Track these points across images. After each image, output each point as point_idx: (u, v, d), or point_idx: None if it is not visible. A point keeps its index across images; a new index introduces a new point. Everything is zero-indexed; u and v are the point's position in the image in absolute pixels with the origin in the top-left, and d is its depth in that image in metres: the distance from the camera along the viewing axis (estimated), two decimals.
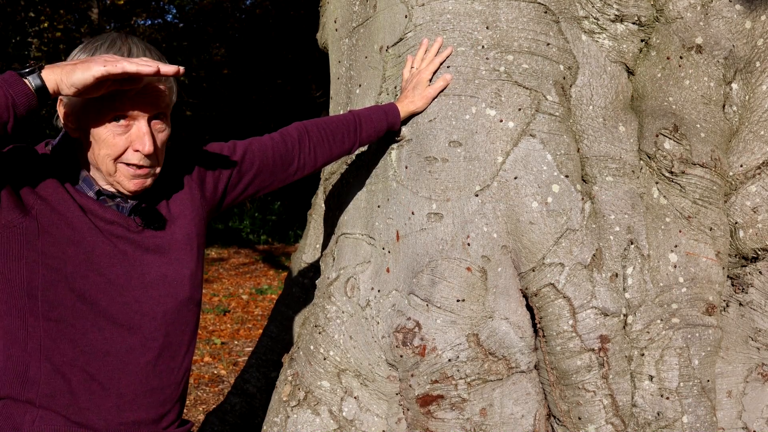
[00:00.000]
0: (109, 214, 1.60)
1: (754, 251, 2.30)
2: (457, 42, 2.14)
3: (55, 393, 1.56)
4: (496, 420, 2.04)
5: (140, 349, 1.63)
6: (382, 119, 2.12)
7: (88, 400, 1.59)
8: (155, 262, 1.65)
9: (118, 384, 1.61)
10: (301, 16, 14.58)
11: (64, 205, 1.54)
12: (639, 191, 2.21)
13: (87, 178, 1.61)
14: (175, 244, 1.69)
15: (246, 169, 1.91)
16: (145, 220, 1.64)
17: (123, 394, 1.62)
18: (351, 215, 2.33)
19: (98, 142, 1.53)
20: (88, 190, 1.60)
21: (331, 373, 2.19)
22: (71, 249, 1.54)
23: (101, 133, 1.53)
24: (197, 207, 1.77)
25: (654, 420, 2.10)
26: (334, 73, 2.54)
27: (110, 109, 1.50)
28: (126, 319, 1.61)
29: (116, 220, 1.60)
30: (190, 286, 1.71)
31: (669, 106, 2.27)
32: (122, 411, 1.62)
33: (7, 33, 12.61)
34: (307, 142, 2.03)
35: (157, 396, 1.67)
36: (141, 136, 1.53)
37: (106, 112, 1.51)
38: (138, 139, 1.54)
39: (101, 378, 1.59)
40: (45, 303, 1.53)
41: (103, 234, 1.58)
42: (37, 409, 1.56)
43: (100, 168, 1.57)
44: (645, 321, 2.13)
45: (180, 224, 1.71)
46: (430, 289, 2.04)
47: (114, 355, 1.60)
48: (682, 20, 2.28)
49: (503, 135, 2.09)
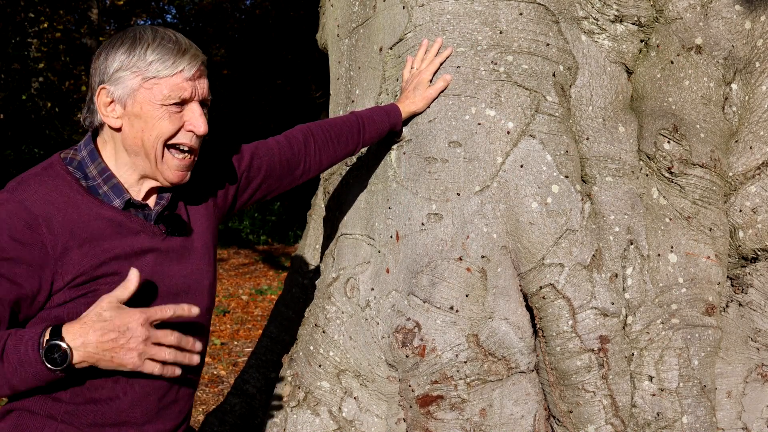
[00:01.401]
0: (135, 223, 1.58)
1: (753, 251, 2.30)
2: (457, 42, 2.14)
3: (78, 411, 1.55)
4: (496, 420, 2.04)
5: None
6: (384, 120, 2.12)
7: (113, 416, 1.58)
8: (179, 272, 1.64)
9: (146, 401, 1.61)
10: (301, 17, 14.59)
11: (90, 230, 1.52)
12: (639, 191, 2.21)
13: (117, 185, 1.58)
14: (196, 253, 1.69)
15: (254, 174, 1.91)
16: (169, 227, 1.64)
17: (149, 409, 1.62)
18: (351, 216, 2.33)
19: (150, 123, 1.54)
20: (114, 198, 1.57)
21: (330, 373, 2.19)
22: (102, 277, 1.52)
23: (155, 115, 1.54)
24: (211, 215, 1.77)
25: (654, 420, 2.10)
26: (334, 74, 2.54)
27: (168, 92, 1.54)
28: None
29: (143, 230, 1.59)
30: (208, 297, 1.72)
31: (669, 106, 2.27)
32: (143, 425, 1.62)
33: (7, 33, 12.61)
34: (312, 144, 2.03)
35: (176, 408, 1.68)
36: (196, 117, 1.58)
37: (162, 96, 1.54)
38: (193, 119, 1.58)
39: (129, 396, 1.59)
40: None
41: (133, 252, 1.56)
42: (58, 423, 1.54)
43: (147, 154, 1.56)
44: (645, 321, 2.13)
45: (198, 233, 1.71)
46: (430, 289, 2.04)
47: (142, 375, 1.58)
48: (681, 21, 2.28)
49: (503, 135, 2.09)
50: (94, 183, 1.58)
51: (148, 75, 1.52)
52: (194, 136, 1.59)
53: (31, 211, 1.47)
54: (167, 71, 1.52)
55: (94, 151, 1.59)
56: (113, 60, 1.54)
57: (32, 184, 1.52)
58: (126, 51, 1.53)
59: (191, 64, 1.55)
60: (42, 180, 1.53)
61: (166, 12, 17.49)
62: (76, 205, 1.53)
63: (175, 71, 1.53)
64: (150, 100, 1.53)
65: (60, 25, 13.92)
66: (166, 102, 1.54)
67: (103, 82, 1.54)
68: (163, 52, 1.52)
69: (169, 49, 1.53)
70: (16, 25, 12.86)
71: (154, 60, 1.52)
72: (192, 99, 1.57)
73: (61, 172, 1.56)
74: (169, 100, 1.54)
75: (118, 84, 1.53)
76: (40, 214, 1.48)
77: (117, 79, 1.53)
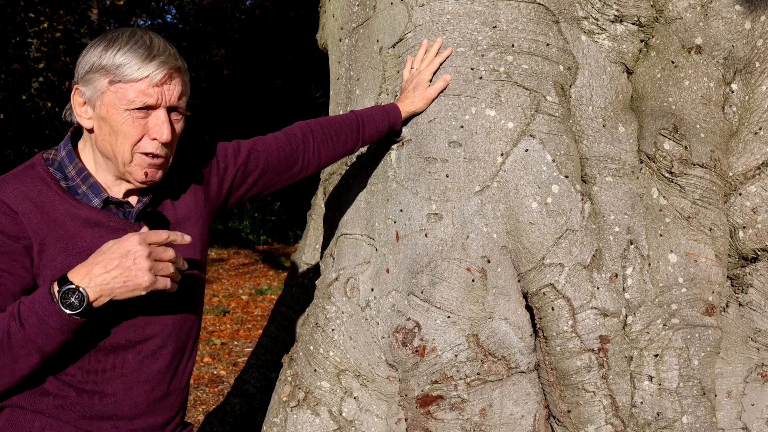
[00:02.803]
0: (114, 221, 1.59)
1: (753, 251, 2.30)
2: (457, 42, 2.14)
3: (66, 405, 1.56)
4: (496, 420, 2.04)
5: (153, 358, 1.64)
6: (384, 119, 2.12)
7: (101, 410, 1.59)
8: None
9: (132, 393, 1.62)
10: (301, 17, 14.59)
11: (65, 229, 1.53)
12: (639, 191, 2.21)
13: (94, 184, 1.59)
14: (181, 247, 1.68)
15: (251, 169, 1.91)
16: (150, 225, 1.64)
17: (137, 403, 1.63)
18: (351, 216, 2.33)
19: (116, 129, 1.54)
20: (93, 197, 1.58)
21: (330, 373, 2.19)
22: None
23: (119, 120, 1.54)
24: (201, 209, 1.77)
25: (654, 420, 2.10)
26: (334, 74, 2.54)
27: (132, 97, 1.53)
28: (140, 332, 1.61)
29: (122, 228, 1.59)
30: (196, 291, 1.72)
31: (669, 106, 2.27)
32: (133, 419, 1.63)
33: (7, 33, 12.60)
34: (311, 142, 2.02)
35: (166, 402, 1.69)
36: (159, 124, 1.56)
37: (126, 101, 1.53)
38: (156, 127, 1.56)
39: (115, 390, 1.60)
40: None
41: None
42: (47, 418, 1.55)
43: (115, 156, 1.57)
44: (645, 321, 2.13)
45: (185, 227, 1.71)
46: (430, 289, 2.04)
47: (128, 368, 1.61)
48: (681, 21, 2.28)
49: (503, 135, 2.09)
50: (73, 183, 1.59)
51: (115, 78, 1.51)
52: (158, 144, 1.57)
53: (11, 208, 1.50)
54: (133, 75, 1.51)
55: (71, 151, 1.61)
56: (87, 60, 1.54)
57: (12, 183, 1.54)
58: (99, 52, 1.53)
59: (159, 69, 1.53)
60: (21, 179, 1.55)
61: (166, 12, 17.48)
62: (53, 205, 1.54)
63: (141, 76, 1.52)
64: (115, 103, 1.53)
65: (60, 25, 13.91)
66: (130, 107, 1.53)
67: (77, 82, 1.55)
68: (132, 56, 1.51)
69: (138, 53, 1.52)
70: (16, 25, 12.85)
71: (122, 63, 1.51)
72: (158, 105, 1.55)
73: (41, 174, 1.57)
74: (132, 105, 1.53)
75: (88, 85, 1.54)
76: (20, 211, 1.50)
77: (88, 79, 1.54)
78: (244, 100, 15.50)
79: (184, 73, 1.60)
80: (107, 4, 15.66)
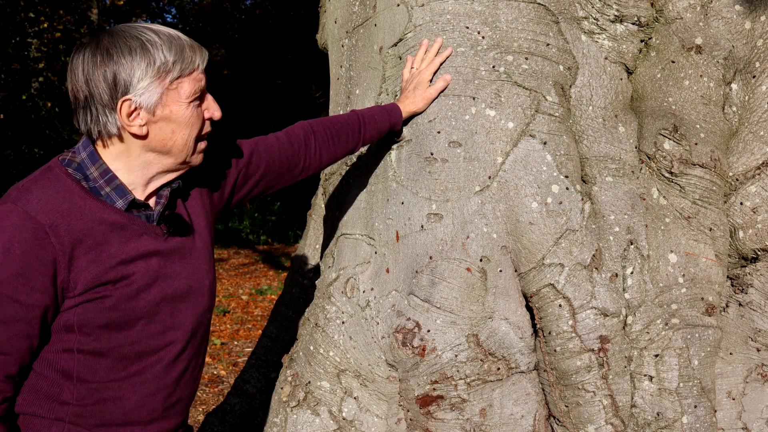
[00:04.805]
0: (138, 225, 1.58)
1: (753, 252, 2.30)
2: (457, 42, 2.14)
3: (86, 413, 1.56)
4: (496, 420, 2.04)
5: (173, 364, 1.64)
6: (385, 119, 2.11)
7: (121, 416, 1.59)
8: (182, 273, 1.64)
9: (152, 400, 1.62)
10: (301, 17, 14.59)
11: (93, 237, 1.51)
12: (639, 191, 2.21)
13: (120, 186, 1.56)
14: (196, 252, 1.68)
15: (252, 171, 1.90)
16: (171, 226, 1.64)
17: (154, 409, 1.63)
18: (351, 216, 2.33)
19: (182, 124, 1.56)
20: (117, 199, 1.56)
21: (330, 373, 2.19)
22: (110, 283, 1.52)
23: (186, 114, 1.56)
24: (208, 213, 1.76)
25: (654, 420, 2.10)
26: (334, 74, 2.54)
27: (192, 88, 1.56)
28: (160, 339, 1.61)
29: (145, 231, 1.58)
30: (209, 297, 1.72)
31: (669, 106, 2.27)
32: (148, 424, 1.63)
33: (7, 33, 12.61)
34: (313, 142, 2.02)
35: (180, 406, 1.69)
36: (213, 104, 1.63)
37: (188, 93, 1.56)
38: (211, 107, 1.62)
39: (137, 397, 1.60)
40: (81, 336, 1.52)
41: (138, 255, 1.56)
42: (65, 424, 1.55)
43: (179, 152, 1.58)
44: (645, 321, 2.13)
45: (198, 232, 1.71)
46: (430, 289, 2.04)
47: (151, 375, 1.61)
48: (681, 21, 2.28)
49: (503, 135, 2.09)
50: (96, 185, 1.55)
51: (173, 76, 1.53)
52: (209, 123, 1.64)
53: (37, 221, 1.45)
54: (190, 67, 1.55)
55: (94, 152, 1.56)
56: (131, 69, 1.49)
57: (35, 192, 1.49)
58: (141, 57, 1.50)
59: (201, 55, 1.58)
60: (44, 186, 1.51)
61: (166, 12, 17.49)
62: (79, 210, 1.51)
63: (193, 67, 1.56)
64: (177, 100, 1.55)
65: (60, 25, 13.91)
66: (192, 98, 1.56)
67: (126, 94, 1.50)
68: (178, 50, 1.53)
69: (181, 46, 1.54)
70: (16, 25, 12.85)
71: (175, 60, 1.52)
72: (205, 88, 1.61)
73: (61, 175, 1.53)
74: (195, 96, 1.57)
75: (143, 93, 1.51)
76: (46, 223, 1.46)
77: (141, 88, 1.51)
78: (244, 100, 15.50)
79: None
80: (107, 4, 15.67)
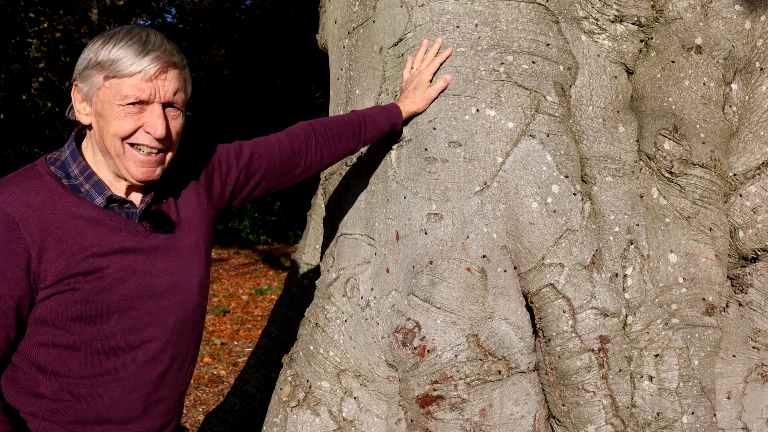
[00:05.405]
0: (117, 221, 1.58)
1: (753, 251, 2.30)
2: (457, 42, 2.14)
3: (60, 409, 1.55)
4: (496, 420, 2.04)
5: (152, 362, 1.62)
6: (385, 119, 2.11)
7: (96, 414, 1.58)
8: (165, 270, 1.63)
9: (129, 398, 1.60)
10: (301, 16, 14.60)
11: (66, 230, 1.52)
12: (639, 191, 2.21)
13: (98, 182, 1.58)
14: (184, 249, 1.67)
15: (253, 171, 1.89)
16: (153, 223, 1.63)
17: (132, 408, 1.61)
18: (351, 216, 2.33)
19: (109, 121, 1.54)
20: (96, 196, 1.57)
21: (330, 373, 2.19)
22: (81, 275, 1.52)
23: (113, 113, 1.53)
24: (205, 212, 1.76)
25: (654, 420, 2.10)
26: (334, 74, 2.54)
27: (126, 92, 1.53)
28: (140, 334, 1.60)
29: (124, 228, 1.58)
30: (198, 295, 1.70)
31: (669, 106, 2.27)
32: (127, 423, 1.61)
33: (7, 33, 12.61)
34: (313, 142, 2.02)
35: (162, 406, 1.67)
36: (154, 119, 1.55)
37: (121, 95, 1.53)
38: (150, 122, 1.55)
39: (112, 394, 1.58)
40: (55, 329, 1.52)
41: (114, 250, 1.55)
42: (39, 420, 1.54)
43: (109, 152, 1.56)
44: (645, 321, 2.13)
45: (189, 230, 1.70)
46: (430, 289, 2.04)
47: (127, 372, 1.59)
48: (681, 21, 2.28)
49: (503, 135, 2.09)
50: (76, 182, 1.58)
51: (109, 74, 1.52)
52: (152, 138, 1.56)
53: (7, 213, 1.48)
54: (127, 70, 1.51)
55: (75, 150, 1.60)
56: (85, 57, 1.54)
57: (9, 187, 1.52)
58: (96, 48, 1.53)
59: (153, 64, 1.52)
60: (19, 181, 1.54)
61: (166, 12, 17.48)
62: (53, 204, 1.52)
63: (134, 71, 1.51)
64: (110, 99, 1.53)
65: (60, 25, 13.91)
66: (123, 102, 1.53)
67: (75, 79, 1.56)
68: (126, 51, 1.51)
69: (132, 48, 1.51)
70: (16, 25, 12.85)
71: (116, 59, 1.51)
72: (152, 101, 1.55)
73: (41, 173, 1.56)
74: (126, 100, 1.53)
75: (86, 81, 1.54)
76: (16, 215, 1.48)
77: (85, 76, 1.54)
78: (244, 100, 15.50)
79: (181, 68, 1.59)
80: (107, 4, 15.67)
